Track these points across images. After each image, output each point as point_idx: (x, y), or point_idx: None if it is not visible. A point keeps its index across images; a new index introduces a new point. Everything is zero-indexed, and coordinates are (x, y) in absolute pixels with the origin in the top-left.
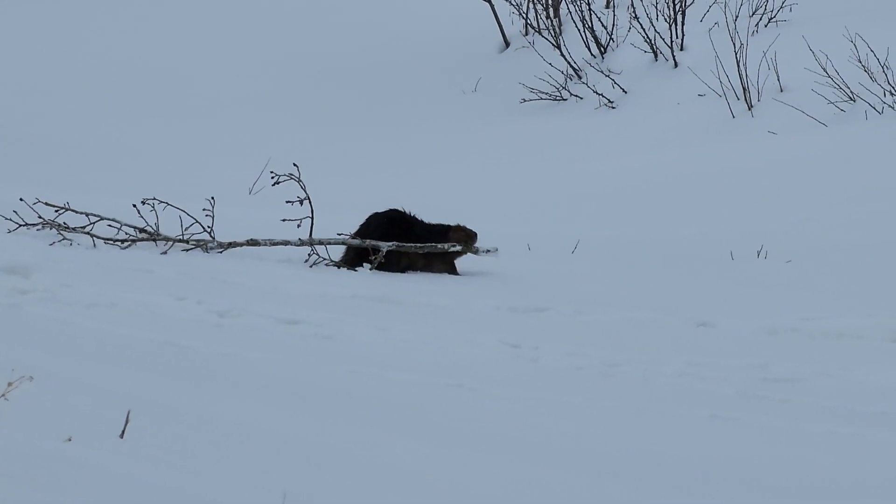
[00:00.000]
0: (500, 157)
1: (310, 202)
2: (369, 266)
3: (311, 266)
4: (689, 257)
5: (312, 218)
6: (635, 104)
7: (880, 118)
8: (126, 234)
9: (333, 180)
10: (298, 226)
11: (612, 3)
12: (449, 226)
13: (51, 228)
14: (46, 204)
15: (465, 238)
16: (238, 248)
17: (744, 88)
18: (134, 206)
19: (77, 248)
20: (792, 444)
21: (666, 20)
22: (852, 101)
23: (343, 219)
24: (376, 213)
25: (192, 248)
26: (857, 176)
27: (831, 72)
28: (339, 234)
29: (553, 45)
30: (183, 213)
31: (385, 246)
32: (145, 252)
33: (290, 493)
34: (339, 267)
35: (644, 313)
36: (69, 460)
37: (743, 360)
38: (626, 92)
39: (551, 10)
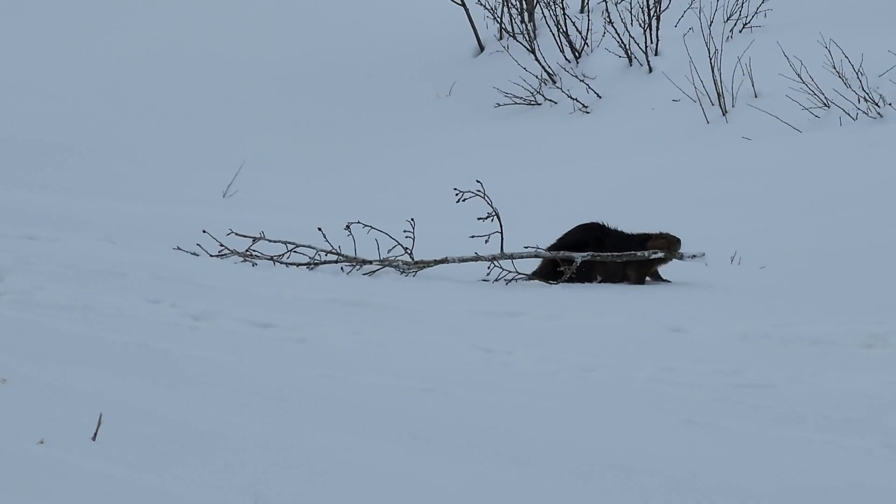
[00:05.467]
0: (474, 161)
1: (498, 217)
2: (555, 281)
3: (493, 281)
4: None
5: (502, 233)
6: (610, 109)
7: (854, 124)
8: (319, 259)
9: (306, 183)
10: (486, 241)
11: (586, 7)
12: (649, 234)
13: (243, 259)
14: (238, 234)
15: (668, 245)
16: (428, 267)
17: (718, 94)
18: (319, 229)
19: (50, 251)
20: (765, 450)
21: (640, 25)
22: (826, 107)
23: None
24: (578, 225)
25: (377, 270)
26: (831, 182)
27: (806, 78)
28: (526, 247)
29: (527, 49)
30: (384, 235)
31: (579, 257)
32: (119, 254)
33: (262, 495)
34: (529, 279)
35: (617, 318)
36: (42, 463)
37: (716, 365)
38: (600, 97)
39: (526, 15)
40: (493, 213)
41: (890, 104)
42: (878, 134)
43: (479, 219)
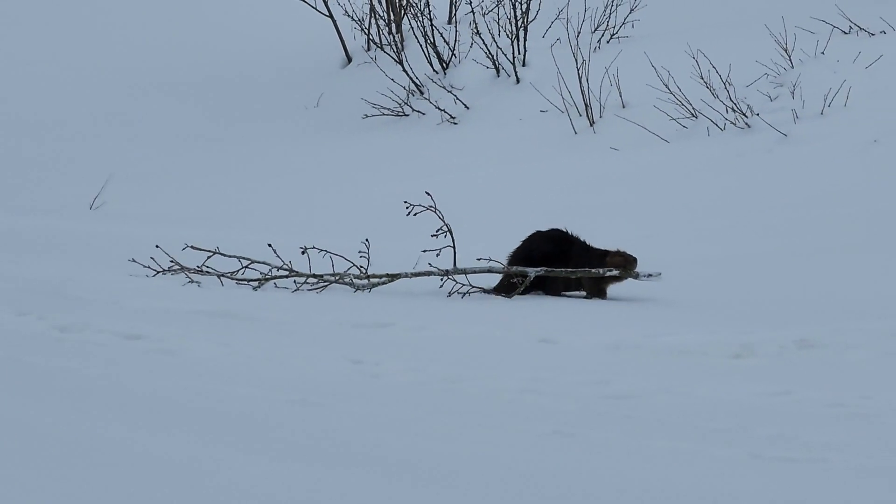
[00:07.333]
0: (342, 172)
1: (450, 233)
2: (506, 295)
3: (448, 295)
4: None
5: (454, 247)
6: (477, 120)
7: (722, 134)
8: (268, 274)
9: (176, 194)
10: (437, 255)
11: (454, 18)
12: (608, 251)
13: (189, 279)
14: (194, 248)
15: (624, 263)
16: (381, 284)
17: (586, 104)
18: (269, 245)
19: None
20: (633, 460)
21: (508, 36)
22: (694, 118)
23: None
24: (537, 232)
25: (323, 287)
26: (699, 192)
27: (673, 88)
28: (479, 259)
29: (395, 60)
30: (337, 256)
31: (532, 272)
32: None
33: None
34: (488, 293)
35: (486, 329)
36: None
37: (585, 376)
38: (468, 108)
39: (393, 26)
40: (446, 229)
41: (757, 114)
42: (746, 144)
43: (432, 235)
